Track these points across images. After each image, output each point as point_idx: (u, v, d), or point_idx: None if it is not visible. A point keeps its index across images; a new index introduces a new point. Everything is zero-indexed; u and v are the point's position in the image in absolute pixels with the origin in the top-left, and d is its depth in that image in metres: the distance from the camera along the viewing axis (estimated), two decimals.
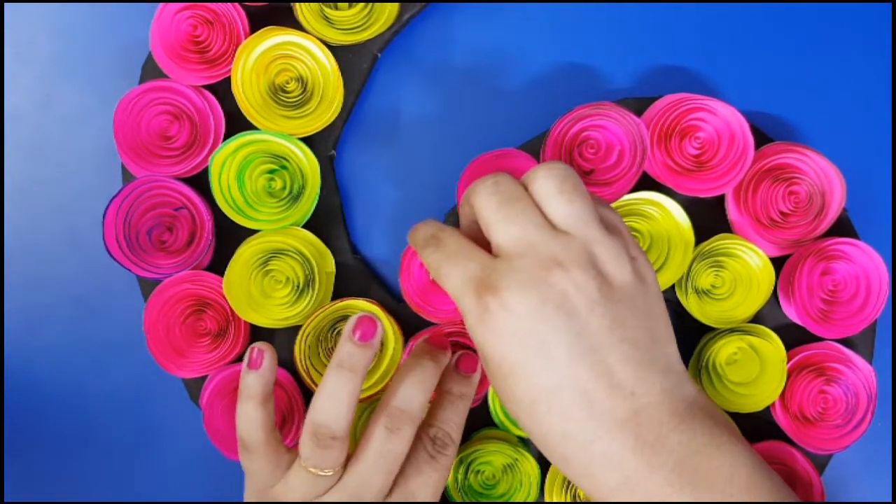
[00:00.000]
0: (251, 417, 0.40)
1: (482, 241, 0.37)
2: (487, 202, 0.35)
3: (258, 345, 0.40)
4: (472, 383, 0.42)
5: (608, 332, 0.33)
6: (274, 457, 0.40)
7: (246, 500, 0.41)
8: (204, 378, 0.46)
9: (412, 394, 0.39)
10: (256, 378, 0.40)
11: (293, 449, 0.41)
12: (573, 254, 0.34)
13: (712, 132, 0.45)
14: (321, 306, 0.45)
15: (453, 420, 0.41)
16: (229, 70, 0.45)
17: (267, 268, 0.45)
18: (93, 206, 0.46)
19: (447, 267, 0.36)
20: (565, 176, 0.35)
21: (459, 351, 0.43)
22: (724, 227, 0.45)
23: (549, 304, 0.33)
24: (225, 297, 0.44)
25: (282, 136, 0.44)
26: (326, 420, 0.38)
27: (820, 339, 0.45)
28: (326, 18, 0.45)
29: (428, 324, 0.45)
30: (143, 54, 0.46)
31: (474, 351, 0.43)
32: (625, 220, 0.45)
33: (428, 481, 0.40)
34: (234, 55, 0.44)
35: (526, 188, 0.36)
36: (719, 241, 0.45)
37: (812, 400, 0.45)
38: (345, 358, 0.38)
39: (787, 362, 0.45)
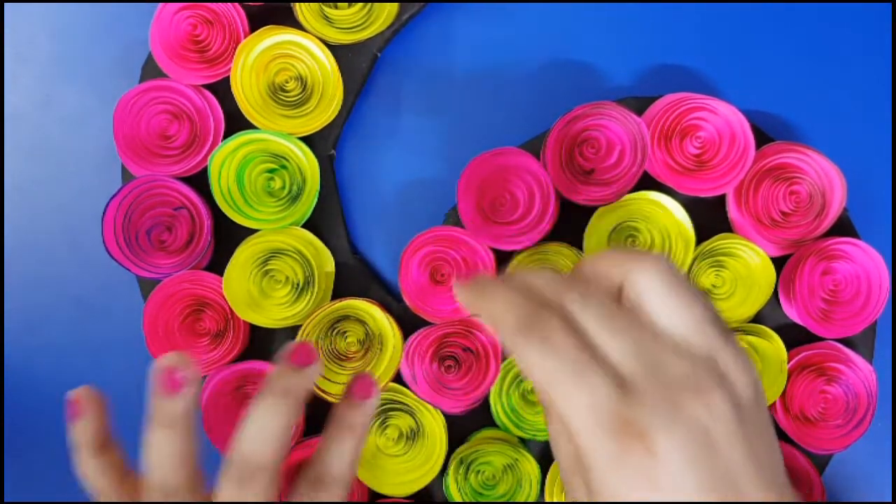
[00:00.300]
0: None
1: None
2: (583, 314, 0.30)
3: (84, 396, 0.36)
4: (366, 412, 0.37)
5: (745, 461, 0.29)
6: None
7: None
8: (203, 378, 0.46)
9: (256, 442, 0.34)
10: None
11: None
12: (703, 375, 0.29)
13: (713, 132, 0.45)
14: (321, 306, 0.45)
15: (338, 458, 0.36)
16: (229, 69, 0.45)
17: (266, 268, 0.45)
18: (92, 206, 0.46)
19: (566, 384, 0.29)
20: (672, 274, 0.30)
21: (356, 375, 0.38)
22: (725, 226, 0.45)
23: (695, 445, 0.28)
24: (224, 297, 0.44)
25: (281, 136, 0.44)
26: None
27: (820, 339, 0.45)
28: (326, 18, 0.45)
29: (427, 323, 0.45)
30: (143, 54, 0.46)
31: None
32: (625, 220, 0.45)
33: None
34: (233, 55, 0.44)
35: (616, 289, 0.31)
36: (720, 241, 0.45)
37: (812, 400, 0.45)
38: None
39: (788, 362, 0.44)
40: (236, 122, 0.45)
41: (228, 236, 0.46)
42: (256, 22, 0.45)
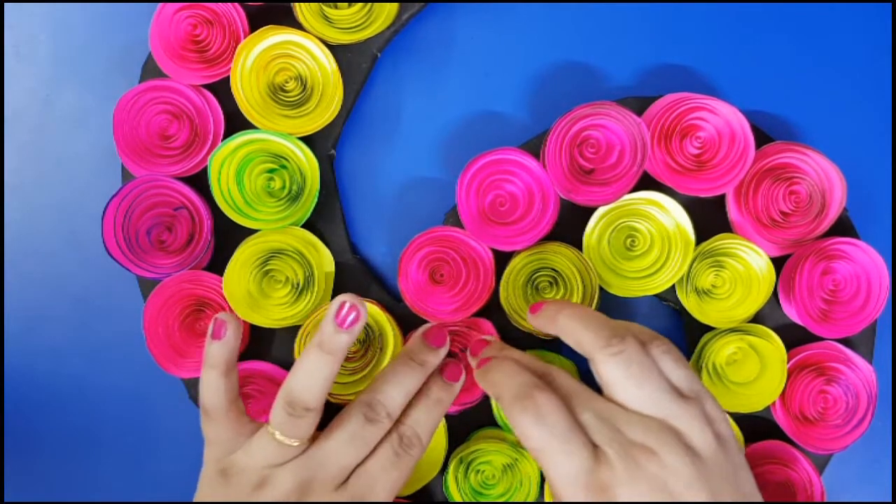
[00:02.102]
0: (214, 386, 0.40)
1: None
2: (564, 391, 0.38)
3: (221, 315, 0.41)
4: (453, 391, 0.43)
5: None
6: (236, 425, 0.40)
7: (204, 469, 0.41)
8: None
9: (394, 392, 0.40)
10: (220, 347, 0.40)
11: (255, 421, 0.41)
12: (657, 438, 0.35)
13: (713, 132, 0.45)
14: (321, 306, 0.45)
15: (426, 423, 0.41)
16: (229, 69, 0.45)
17: (266, 268, 0.45)
18: (92, 206, 0.46)
19: (553, 453, 0.35)
20: (626, 364, 0.36)
21: (447, 359, 0.43)
22: (725, 226, 0.45)
23: (654, 494, 0.34)
24: (224, 297, 0.44)
25: (281, 136, 0.44)
26: (302, 392, 0.39)
27: (820, 339, 0.45)
28: (326, 18, 0.45)
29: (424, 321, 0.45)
30: (143, 54, 0.46)
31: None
32: (625, 220, 0.45)
33: (387, 477, 0.40)
34: (233, 55, 0.44)
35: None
36: (720, 241, 0.45)
37: (812, 400, 0.45)
38: (325, 340, 0.39)
39: (788, 362, 0.45)
40: (236, 122, 0.45)
41: (228, 236, 0.46)
42: (256, 22, 0.45)
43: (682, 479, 0.34)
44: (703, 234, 0.44)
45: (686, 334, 0.47)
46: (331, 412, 0.47)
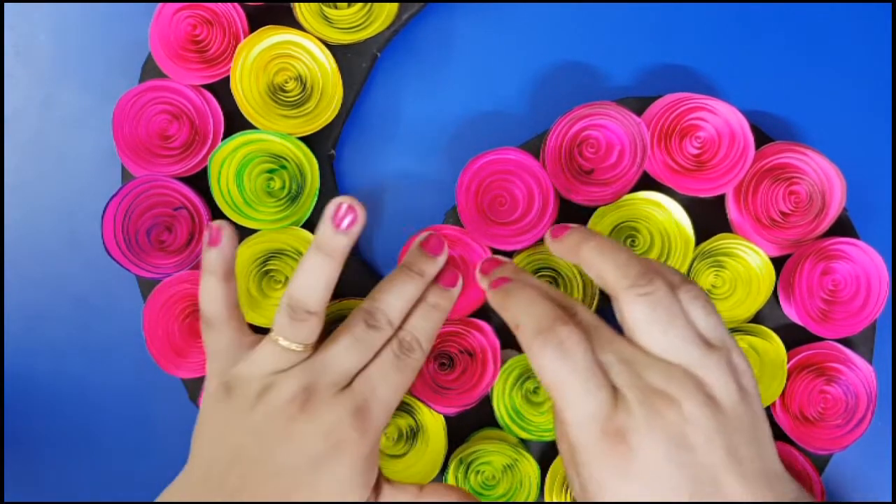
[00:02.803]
0: (214, 293, 0.40)
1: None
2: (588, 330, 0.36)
3: (217, 222, 0.40)
4: (451, 297, 0.43)
5: (724, 460, 0.33)
6: (237, 335, 0.40)
7: (206, 384, 0.40)
8: (203, 378, 0.46)
9: (393, 300, 0.40)
10: (217, 254, 0.40)
11: (256, 334, 0.41)
12: (679, 386, 0.34)
13: (712, 132, 0.45)
14: None
15: (424, 328, 0.41)
16: (228, 70, 0.45)
17: (266, 268, 0.45)
18: (92, 206, 0.46)
19: (573, 390, 0.34)
20: (653, 306, 0.35)
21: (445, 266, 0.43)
22: (725, 226, 0.45)
23: (670, 444, 0.33)
24: None
25: (281, 136, 0.44)
26: (303, 295, 0.38)
27: (820, 339, 0.45)
28: (325, 18, 0.45)
29: None
30: (143, 54, 0.46)
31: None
32: (625, 220, 0.45)
33: (389, 380, 0.39)
34: (233, 55, 0.44)
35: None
36: (719, 241, 0.45)
37: (812, 400, 0.45)
38: (324, 241, 0.38)
39: (788, 362, 0.44)
40: (236, 122, 0.45)
41: None
42: (256, 22, 0.45)
43: (700, 431, 0.33)
44: (702, 234, 0.44)
45: None
46: None
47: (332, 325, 0.45)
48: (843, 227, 0.45)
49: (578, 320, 0.36)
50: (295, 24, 0.45)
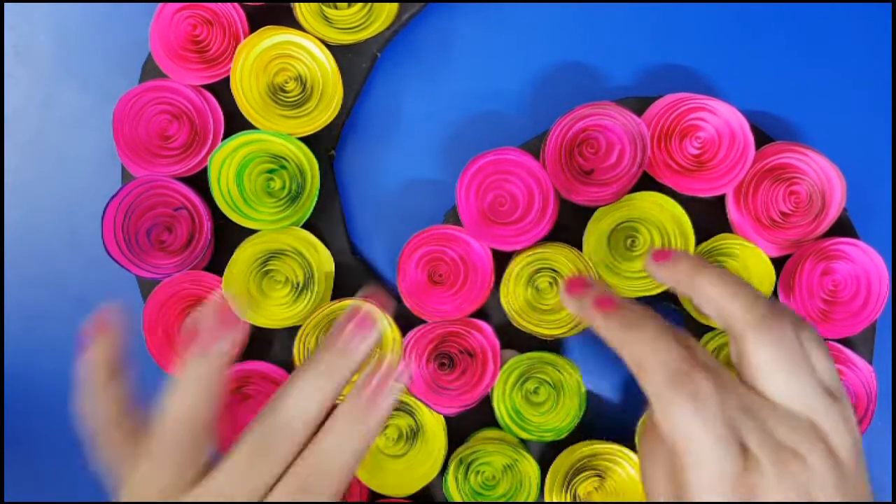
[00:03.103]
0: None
1: None
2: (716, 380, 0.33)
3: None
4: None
5: None
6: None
7: None
8: None
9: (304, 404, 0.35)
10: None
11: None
12: (804, 439, 0.32)
13: (713, 132, 0.45)
14: (320, 306, 0.45)
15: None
16: (228, 70, 0.45)
17: (266, 268, 0.45)
18: (92, 206, 0.46)
19: (706, 447, 0.31)
20: (779, 349, 0.33)
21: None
22: (725, 227, 0.45)
23: (798, 499, 0.32)
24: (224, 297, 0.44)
25: (281, 136, 0.44)
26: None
27: None
28: (326, 18, 0.45)
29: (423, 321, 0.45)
30: (143, 54, 0.46)
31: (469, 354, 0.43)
32: (625, 220, 0.44)
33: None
34: (233, 55, 0.44)
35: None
36: (719, 241, 0.45)
37: None
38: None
39: None
40: (236, 122, 0.45)
41: (228, 236, 0.46)
42: (256, 22, 0.45)
43: (825, 485, 0.32)
44: (703, 234, 0.44)
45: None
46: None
47: (332, 325, 0.45)
48: (843, 228, 0.45)
49: (700, 361, 0.33)
50: (295, 24, 0.45)
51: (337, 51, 0.45)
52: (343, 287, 0.47)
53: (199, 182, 0.45)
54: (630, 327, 0.34)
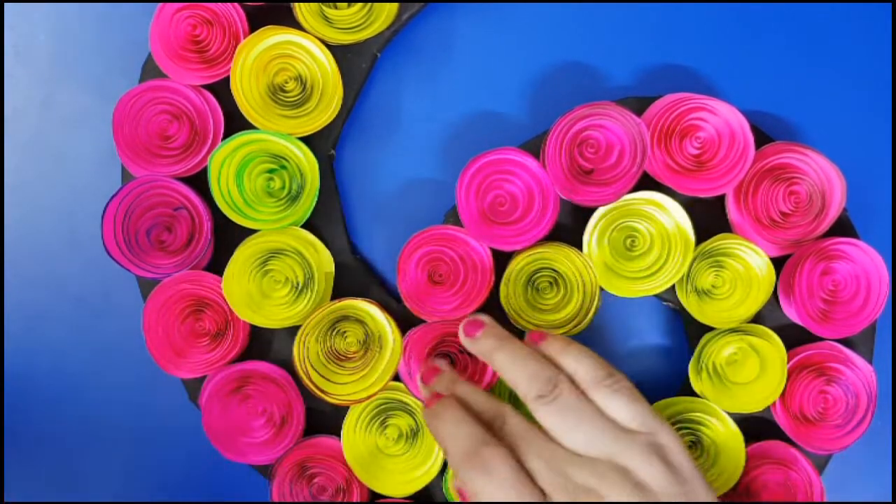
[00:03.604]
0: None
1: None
2: (513, 438, 0.38)
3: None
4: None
5: None
6: None
7: None
8: (203, 378, 0.46)
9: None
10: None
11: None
12: (603, 479, 0.36)
13: (712, 132, 0.45)
14: (320, 306, 0.45)
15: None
16: (228, 70, 0.45)
17: (266, 268, 0.45)
18: (92, 206, 0.46)
19: (500, 497, 0.36)
20: (561, 413, 0.38)
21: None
22: (725, 226, 0.45)
23: None
24: (224, 298, 0.44)
25: (281, 136, 0.44)
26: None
27: (820, 339, 0.45)
28: (325, 18, 0.45)
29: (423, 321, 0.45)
30: (142, 54, 0.46)
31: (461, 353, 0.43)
32: (625, 220, 0.44)
33: None
34: (233, 55, 0.44)
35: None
36: (719, 241, 0.45)
37: (812, 400, 0.45)
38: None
39: (788, 362, 0.44)
40: (236, 122, 0.45)
41: (228, 236, 0.46)
42: (256, 22, 0.45)
43: None
44: (703, 234, 0.44)
45: (686, 334, 0.47)
46: (333, 416, 0.47)
47: (333, 324, 0.45)
48: (843, 227, 0.45)
49: (507, 431, 0.38)
50: (295, 24, 0.45)
51: (337, 51, 0.45)
52: (343, 287, 0.47)
53: (199, 182, 0.45)
54: (436, 417, 0.39)
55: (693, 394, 0.45)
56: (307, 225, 0.45)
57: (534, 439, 0.37)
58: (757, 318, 0.46)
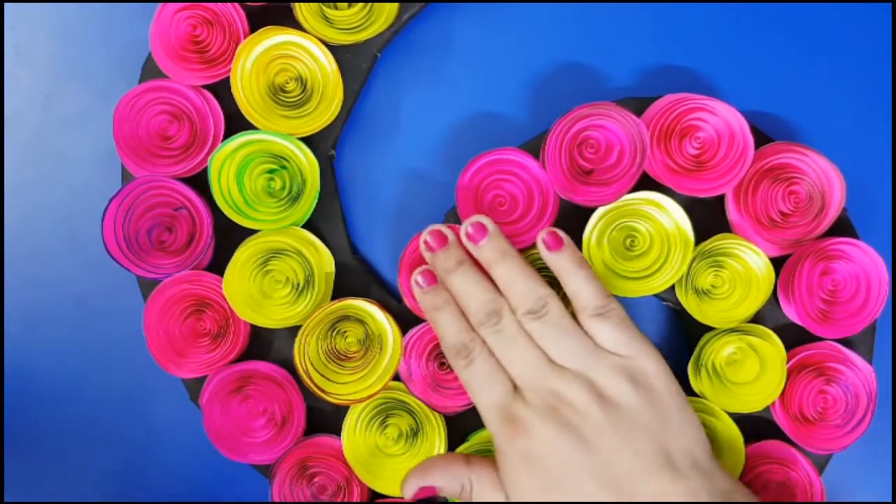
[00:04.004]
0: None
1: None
2: (497, 338, 0.41)
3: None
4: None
5: (618, 452, 0.38)
6: None
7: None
8: (204, 378, 0.46)
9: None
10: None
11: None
12: (573, 388, 0.40)
13: (712, 132, 0.45)
14: (321, 306, 0.45)
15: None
16: (229, 70, 0.45)
17: (266, 268, 0.45)
18: (92, 206, 0.46)
19: (476, 388, 0.41)
20: (547, 320, 0.41)
21: None
22: (724, 227, 0.45)
23: (564, 431, 0.39)
24: (224, 298, 0.44)
25: (281, 136, 0.44)
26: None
27: (819, 339, 0.45)
28: (326, 18, 0.45)
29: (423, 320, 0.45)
30: (143, 54, 0.46)
31: None
32: (624, 220, 0.45)
33: None
34: (233, 55, 0.44)
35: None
36: (719, 241, 0.45)
37: (812, 400, 0.45)
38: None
39: (787, 362, 0.45)
40: (236, 122, 0.45)
41: (228, 236, 0.46)
42: (256, 22, 0.45)
43: (593, 426, 0.39)
44: (702, 234, 0.44)
45: (686, 334, 0.47)
46: (334, 416, 0.47)
47: (334, 323, 0.45)
48: (842, 227, 0.45)
49: (501, 327, 0.41)
50: (295, 24, 0.45)
51: (337, 51, 0.45)
52: (343, 287, 0.47)
53: (199, 182, 0.45)
54: (429, 309, 0.43)
55: (693, 393, 0.45)
56: (307, 225, 0.45)
57: (521, 339, 0.41)
58: (756, 318, 0.46)
